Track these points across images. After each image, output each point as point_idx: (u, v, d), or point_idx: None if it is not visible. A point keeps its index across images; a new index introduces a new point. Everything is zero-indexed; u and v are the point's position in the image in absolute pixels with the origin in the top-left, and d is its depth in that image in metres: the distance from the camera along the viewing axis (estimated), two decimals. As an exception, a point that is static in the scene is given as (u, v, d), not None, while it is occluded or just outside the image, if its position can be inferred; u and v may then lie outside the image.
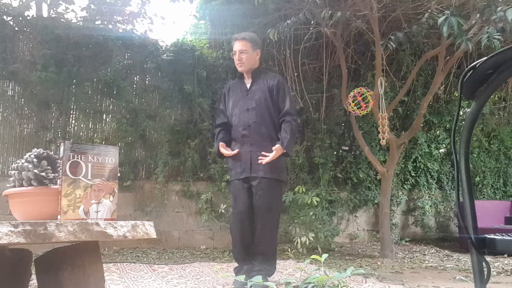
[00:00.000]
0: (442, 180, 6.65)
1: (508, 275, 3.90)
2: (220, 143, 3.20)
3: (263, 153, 3.07)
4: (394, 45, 4.19)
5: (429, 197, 6.52)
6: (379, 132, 4.55)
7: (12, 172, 1.50)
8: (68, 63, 5.09)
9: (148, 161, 5.46)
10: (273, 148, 3.04)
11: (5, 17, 5.07)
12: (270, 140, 3.16)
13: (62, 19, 5.40)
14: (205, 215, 5.31)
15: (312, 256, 2.18)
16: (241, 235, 3.15)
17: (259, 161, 3.06)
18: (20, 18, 5.14)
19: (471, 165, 5.88)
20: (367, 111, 4.66)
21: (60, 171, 1.38)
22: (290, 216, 5.27)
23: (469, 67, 1.06)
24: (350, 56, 5.83)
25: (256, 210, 3.11)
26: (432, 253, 5.37)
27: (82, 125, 5.41)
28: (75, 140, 5.06)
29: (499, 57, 0.99)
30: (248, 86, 3.28)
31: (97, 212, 1.42)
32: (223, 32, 5.69)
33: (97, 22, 5.59)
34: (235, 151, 3.14)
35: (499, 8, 3.39)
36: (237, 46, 3.24)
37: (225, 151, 3.17)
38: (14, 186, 1.49)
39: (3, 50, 4.92)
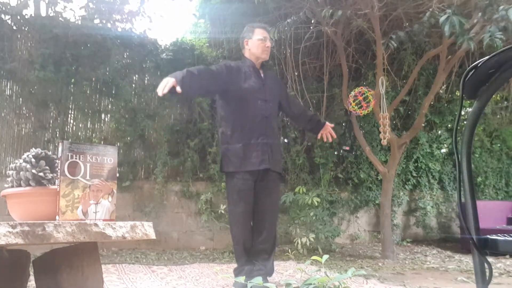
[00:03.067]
0: (444, 181, 6.63)
1: (510, 276, 3.88)
2: (176, 79, 2.75)
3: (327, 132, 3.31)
4: (395, 44, 4.17)
5: (430, 197, 6.50)
6: (380, 132, 4.53)
7: (10, 172, 1.50)
8: (66, 62, 5.07)
9: (147, 161, 5.43)
10: (328, 124, 3.33)
11: (3, 16, 5.04)
12: (279, 136, 3.26)
13: (60, 18, 5.38)
14: (205, 215, 5.29)
15: (313, 257, 2.15)
16: (244, 236, 3.10)
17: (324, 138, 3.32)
18: (18, 17, 5.11)
19: (473, 165, 5.87)
20: (368, 110, 4.64)
21: (59, 171, 1.38)
22: (291, 217, 5.25)
23: (471, 66, 1.07)
24: (351, 55, 5.81)
25: (263, 208, 3.06)
26: (434, 254, 5.35)
27: (80, 125, 5.38)
28: (74, 140, 5.03)
29: (501, 57, 1.00)
30: (263, 76, 3.23)
31: (95, 212, 1.41)
32: (223, 31, 5.67)
33: (95, 21, 5.57)
34: (178, 91, 2.72)
35: (501, 7, 3.37)
36: (266, 34, 3.23)
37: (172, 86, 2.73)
38: (12, 187, 1.49)
39: (1, 49, 4.89)
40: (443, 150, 6.74)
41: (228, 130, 3.08)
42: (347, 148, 6.11)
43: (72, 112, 5.33)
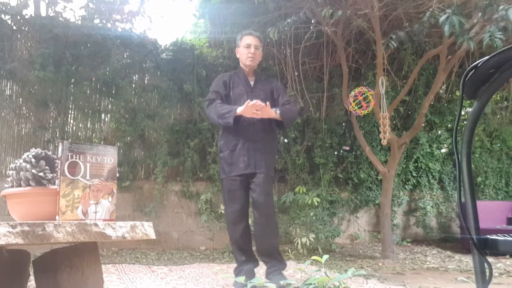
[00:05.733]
0: (444, 181, 6.63)
1: (510, 276, 3.88)
2: (245, 104, 2.93)
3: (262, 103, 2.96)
4: (395, 44, 4.17)
5: (430, 197, 6.50)
6: (380, 132, 4.52)
7: (10, 172, 1.50)
8: (66, 62, 5.07)
9: (147, 161, 5.43)
10: (274, 110, 3.05)
11: (3, 16, 5.04)
12: (271, 139, 3.22)
13: (60, 18, 5.38)
14: (205, 215, 5.29)
15: (313, 257, 2.15)
16: (236, 235, 3.13)
17: (258, 111, 2.95)
18: (18, 17, 5.12)
19: (473, 165, 5.87)
20: (368, 110, 4.64)
21: (59, 171, 1.38)
22: (291, 217, 5.25)
23: (471, 66, 1.07)
24: (351, 55, 5.81)
25: (257, 207, 3.10)
26: (434, 254, 5.35)
27: (80, 125, 5.38)
28: (74, 140, 5.03)
29: (501, 56, 1.00)
30: (252, 83, 3.27)
31: (95, 212, 1.41)
32: (223, 31, 5.68)
33: (95, 21, 5.57)
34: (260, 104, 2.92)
35: (501, 7, 3.37)
36: (253, 40, 3.23)
37: (254, 101, 2.92)
38: (12, 187, 1.49)
39: (1, 49, 4.89)
40: (443, 150, 6.74)
41: (221, 139, 3.22)
42: (347, 148, 6.11)
43: (72, 112, 5.33)
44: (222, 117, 3.03)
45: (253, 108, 2.92)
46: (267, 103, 2.98)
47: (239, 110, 2.96)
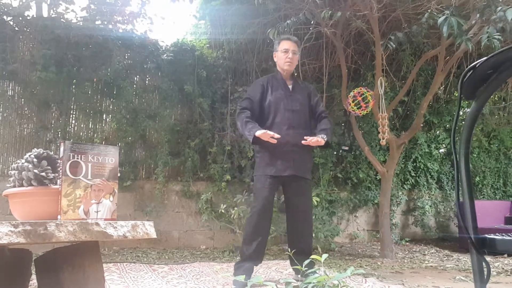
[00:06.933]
0: (442, 180, 6.64)
1: (508, 275, 3.90)
2: (265, 131, 3.05)
3: (306, 137, 3.11)
4: (394, 45, 4.19)
5: (429, 197, 6.52)
6: (379, 132, 4.55)
7: (12, 172, 1.50)
8: (68, 63, 5.10)
9: (148, 161, 5.46)
10: (319, 136, 3.13)
11: (5, 17, 5.07)
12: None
13: (62, 19, 5.40)
14: (205, 215, 5.31)
15: (312, 256, 2.18)
16: (259, 232, 3.17)
17: (303, 142, 3.11)
18: (20, 18, 5.14)
19: (471, 165, 5.87)
20: (367, 111, 4.66)
21: (60, 171, 1.39)
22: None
23: (469, 67, 1.07)
24: (350, 56, 5.81)
25: (299, 209, 3.22)
26: (432, 253, 5.37)
27: (82, 125, 5.41)
28: (75, 140, 5.06)
29: (499, 57, 1.00)
30: (290, 87, 3.36)
31: (97, 212, 1.43)
32: (223, 32, 5.69)
33: (97, 22, 5.59)
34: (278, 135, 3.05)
35: (499, 8, 3.39)
36: (291, 45, 3.31)
37: (272, 133, 3.03)
38: (14, 186, 1.50)
39: (3, 50, 4.92)
40: (442, 150, 6.75)
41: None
42: (346, 148, 6.12)
43: (74, 113, 5.36)
44: (244, 133, 3.15)
45: (269, 135, 3.01)
46: (320, 139, 3.09)
47: (258, 133, 3.03)
